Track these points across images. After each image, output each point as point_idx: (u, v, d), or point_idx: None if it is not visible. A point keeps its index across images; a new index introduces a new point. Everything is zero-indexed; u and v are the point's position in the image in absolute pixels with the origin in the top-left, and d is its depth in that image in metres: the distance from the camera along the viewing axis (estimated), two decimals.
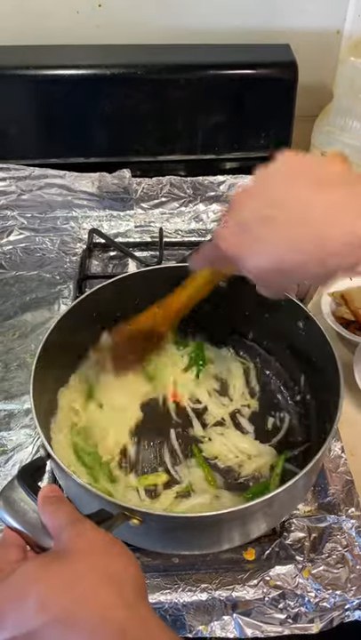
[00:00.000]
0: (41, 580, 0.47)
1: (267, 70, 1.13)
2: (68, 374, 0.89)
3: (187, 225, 1.26)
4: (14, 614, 0.46)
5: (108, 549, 0.51)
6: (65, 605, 0.46)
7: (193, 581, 0.75)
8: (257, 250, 0.58)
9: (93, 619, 0.45)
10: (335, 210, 0.54)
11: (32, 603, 0.46)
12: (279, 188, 0.59)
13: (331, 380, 0.76)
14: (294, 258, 0.56)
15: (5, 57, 1.13)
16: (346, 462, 0.86)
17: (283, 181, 0.59)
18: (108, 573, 0.48)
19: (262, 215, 0.58)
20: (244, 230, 0.59)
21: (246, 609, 0.73)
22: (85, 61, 1.11)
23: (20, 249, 1.22)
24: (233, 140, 1.20)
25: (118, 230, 1.25)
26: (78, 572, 0.48)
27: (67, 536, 0.51)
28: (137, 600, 0.48)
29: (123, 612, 0.46)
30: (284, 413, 0.90)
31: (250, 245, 0.59)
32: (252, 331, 0.98)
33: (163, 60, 1.13)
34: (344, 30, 1.23)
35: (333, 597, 0.73)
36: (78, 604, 0.46)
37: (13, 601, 0.46)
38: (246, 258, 0.60)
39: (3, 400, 0.96)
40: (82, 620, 0.45)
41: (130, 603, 0.47)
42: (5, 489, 0.58)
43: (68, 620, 0.45)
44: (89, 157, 1.20)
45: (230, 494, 0.80)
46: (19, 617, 0.46)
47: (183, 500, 0.79)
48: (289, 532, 0.79)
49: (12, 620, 0.46)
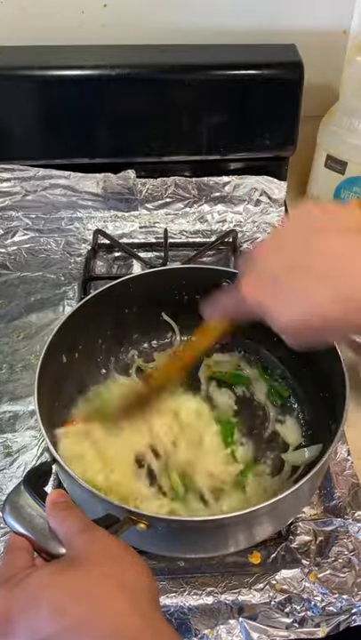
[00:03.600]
0: (55, 587, 0.47)
1: (272, 70, 1.13)
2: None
3: (192, 226, 1.25)
4: (27, 621, 0.46)
5: (121, 557, 0.51)
6: (79, 613, 0.45)
7: (199, 585, 0.75)
8: (289, 302, 0.56)
9: (107, 627, 0.45)
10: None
11: (45, 609, 0.46)
12: (306, 239, 0.57)
13: (336, 381, 0.76)
14: (335, 309, 0.54)
15: (10, 57, 1.12)
16: (352, 465, 0.86)
17: (309, 233, 0.57)
18: (121, 582, 0.48)
19: (293, 266, 0.56)
20: (274, 283, 0.57)
21: (252, 613, 0.73)
22: (91, 61, 1.11)
23: (24, 250, 1.22)
24: (238, 140, 1.19)
25: (123, 231, 1.24)
26: (92, 580, 0.48)
27: (79, 543, 0.51)
28: (150, 609, 0.48)
29: (136, 621, 0.46)
30: (288, 416, 0.90)
31: (281, 298, 0.57)
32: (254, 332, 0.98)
33: (168, 60, 1.12)
34: (350, 30, 1.22)
35: (340, 601, 0.73)
36: (92, 612, 0.46)
37: (26, 607, 0.46)
38: (277, 311, 0.57)
39: (8, 401, 0.95)
40: (95, 627, 0.45)
41: (143, 611, 0.47)
42: (11, 494, 0.58)
43: (82, 628, 0.45)
44: (93, 158, 1.20)
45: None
46: (32, 623, 0.46)
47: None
48: (295, 535, 0.79)
49: (25, 627, 0.46)
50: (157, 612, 0.49)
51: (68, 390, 0.89)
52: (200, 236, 1.24)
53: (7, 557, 0.53)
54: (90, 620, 0.45)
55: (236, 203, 1.25)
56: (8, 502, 0.57)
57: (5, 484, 0.85)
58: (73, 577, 0.48)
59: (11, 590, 0.48)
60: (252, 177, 1.23)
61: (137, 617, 0.46)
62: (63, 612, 0.45)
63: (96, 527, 0.53)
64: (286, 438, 0.87)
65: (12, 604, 0.47)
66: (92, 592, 0.47)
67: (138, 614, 0.46)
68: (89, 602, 0.46)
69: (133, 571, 0.50)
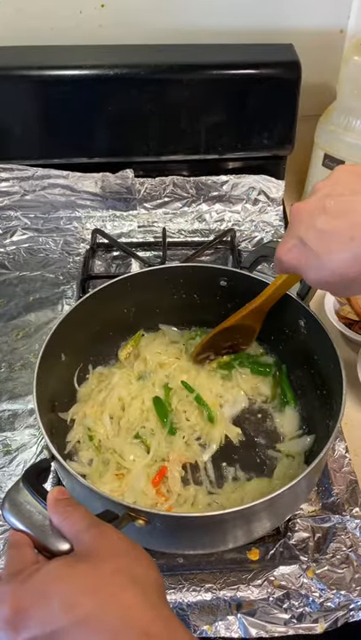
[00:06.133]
0: (66, 581, 0.48)
1: (270, 70, 1.13)
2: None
3: (190, 225, 1.26)
4: (39, 614, 0.46)
5: (129, 552, 0.52)
6: (90, 606, 0.46)
7: (197, 581, 0.75)
8: (316, 265, 0.61)
9: (118, 619, 0.46)
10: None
11: (57, 603, 0.46)
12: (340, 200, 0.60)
13: (333, 379, 0.77)
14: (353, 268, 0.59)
15: (8, 57, 1.13)
16: (350, 462, 0.86)
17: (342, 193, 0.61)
18: (132, 575, 0.49)
19: (321, 229, 0.60)
20: (303, 245, 0.62)
21: (251, 609, 0.73)
22: (88, 61, 1.11)
23: (23, 249, 1.22)
24: (236, 139, 1.19)
25: (121, 230, 1.25)
26: (103, 574, 0.48)
27: (87, 538, 0.52)
28: (160, 601, 0.49)
29: (147, 613, 0.47)
30: (286, 410, 0.90)
31: (309, 260, 0.62)
32: None
33: (166, 59, 1.12)
34: (348, 29, 1.23)
35: (338, 597, 0.73)
36: (103, 605, 0.46)
37: (38, 600, 0.47)
38: (307, 272, 0.63)
39: (7, 400, 0.96)
40: (107, 620, 0.46)
41: (154, 604, 0.48)
42: (10, 491, 0.58)
43: (93, 621, 0.45)
44: (92, 157, 1.20)
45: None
46: (43, 616, 0.46)
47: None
48: (293, 532, 0.79)
49: (37, 620, 0.46)
50: (166, 604, 0.50)
51: (66, 389, 0.90)
52: (198, 235, 1.25)
53: (12, 552, 0.53)
54: (101, 612, 0.46)
55: (235, 202, 1.26)
56: (7, 499, 0.57)
57: (5, 482, 0.86)
58: (84, 571, 0.48)
59: (22, 584, 0.48)
60: (250, 176, 1.23)
61: (148, 609, 0.47)
62: (75, 605, 0.46)
63: (102, 522, 0.54)
64: (283, 430, 0.89)
65: (24, 598, 0.47)
66: (103, 585, 0.47)
67: (149, 606, 0.47)
68: (100, 595, 0.47)
69: (142, 565, 0.51)
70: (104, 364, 0.96)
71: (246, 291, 0.92)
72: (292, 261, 0.64)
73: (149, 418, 0.88)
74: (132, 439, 0.86)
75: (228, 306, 0.96)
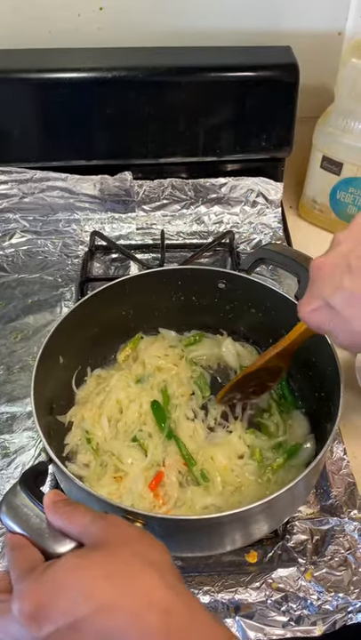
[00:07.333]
0: (83, 571, 0.48)
1: (268, 72, 1.13)
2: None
3: (188, 227, 1.26)
4: (60, 606, 0.46)
5: (141, 538, 0.52)
6: (110, 592, 0.46)
7: (196, 584, 0.75)
8: (346, 329, 0.61)
9: (139, 602, 0.46)
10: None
11: (76, 593, 0.46)
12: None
13: (331, 381, 0.77)
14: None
15: (7, 60, 1.13)
16: (348, 464, 0.86)
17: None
18: (148, 559, 0.49)
19: (349, 292, 0.59)
20: (330, 308, 0.61)
21: (249, 611, 0.73)
22: (87, 64, 1.11)
23: (22, 252, 1.22)
24: (234, 142, 1.19)
25: (120, 233, 1.25)
26: (120, 559, 0.49)
27: (97, 529, 0.52)
28: (177, 582, 0.49)
29: (168, 593, 0.47)
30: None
31: (339, 325, 0.61)
32: (250, 331, 0.98)
33: (164, 62, 1.12)
34: (345, 32, 1.23)
35: (336, 600, 0.73)
36: (123, 590, 0.46)
37: (57, 593, 0.47)
38: (337, 335, 0.63)
39: (5, 403, 0.96)
40: (128, 604, 0.46)
41: (172, 584, 0.48)
42: (8, 494, 0.58)
43: (115, 606, 0.46)
44: (90, 160, 1.20)
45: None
46: (64, 608, 0.46)
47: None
48: (291, 534, 0.79)
49: (58, 612, 0.46)
50: (185, 586, 0.50)
51: (65, 391, 0.90)
52: (197, 238, 1.25)
53: (15, 553, 0.53)
54: (121, 597, 0.46)
55: (233, 204, 1.26)
56: (4, 502, 0.57)
57: (2, 484, 0.86)
58: (99, 559, 0.49)
59: (37, 580, 0.48)
60: (249, 178, 1.23)
61: (168, 589, 0.47)
62: (94, 592, 0.46)
63: (107, 514, 0.54)
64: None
65: (42, 593, 0.47)
66: (120, 571, 0.48)
67: (168, 587, 0.48)
68: (118, 580, 0.47)
69: (156, 550, 0.51)
70: (102, 367, 0.96)
71: (245, 293, 0.92)
72: (319, 324, 0.64)
73: (147, 421, 0.88)
74: (130, 442, 0.86)
75: (226, 308, 0.96)
